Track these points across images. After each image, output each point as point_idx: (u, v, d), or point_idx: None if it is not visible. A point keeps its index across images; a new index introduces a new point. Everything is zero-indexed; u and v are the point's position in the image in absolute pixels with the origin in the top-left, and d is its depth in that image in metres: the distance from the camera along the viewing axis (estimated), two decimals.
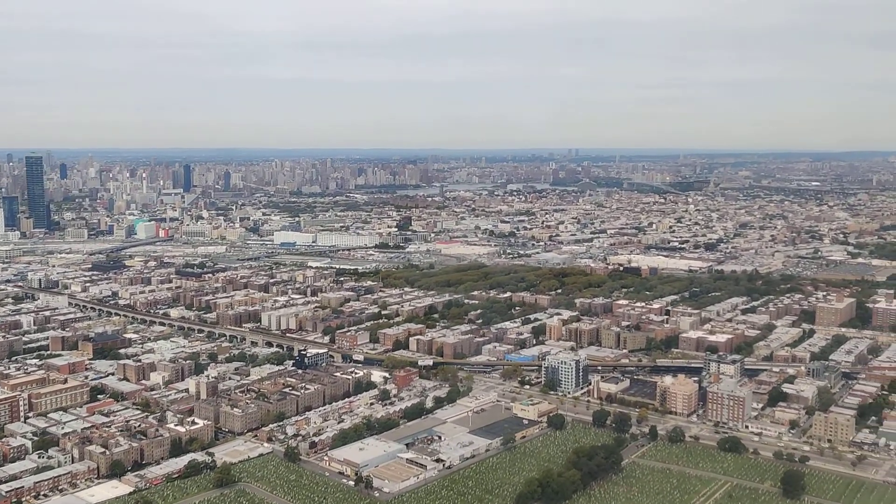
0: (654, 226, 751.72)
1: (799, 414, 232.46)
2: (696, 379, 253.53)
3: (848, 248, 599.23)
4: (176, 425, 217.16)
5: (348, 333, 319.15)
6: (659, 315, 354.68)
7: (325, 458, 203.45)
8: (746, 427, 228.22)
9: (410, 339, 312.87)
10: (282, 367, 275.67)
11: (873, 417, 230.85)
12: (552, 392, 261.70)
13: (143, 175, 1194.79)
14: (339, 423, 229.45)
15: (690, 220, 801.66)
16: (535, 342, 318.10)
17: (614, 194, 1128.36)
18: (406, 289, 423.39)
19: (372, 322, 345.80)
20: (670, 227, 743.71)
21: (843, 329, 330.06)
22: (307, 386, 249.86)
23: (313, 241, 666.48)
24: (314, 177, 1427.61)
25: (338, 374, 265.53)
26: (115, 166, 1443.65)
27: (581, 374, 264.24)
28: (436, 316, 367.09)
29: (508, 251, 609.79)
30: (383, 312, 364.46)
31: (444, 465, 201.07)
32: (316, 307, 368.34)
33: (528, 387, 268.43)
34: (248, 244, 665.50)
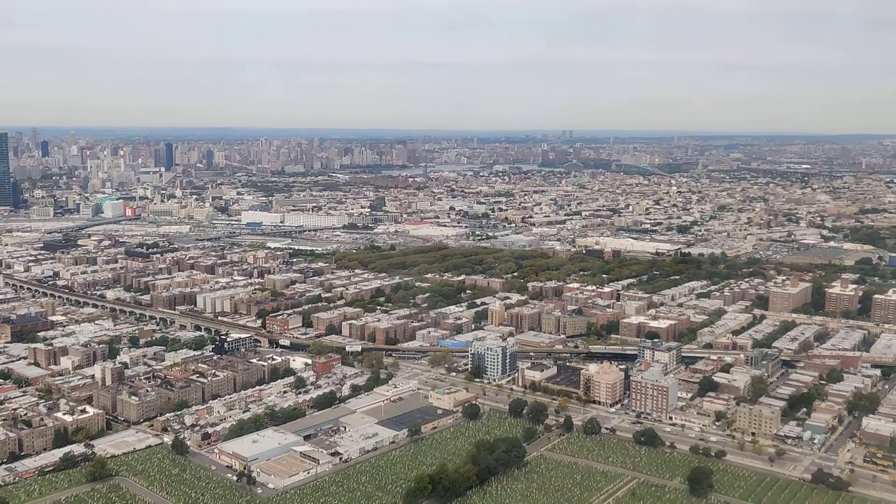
0: (630, 208, 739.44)
1: (727, 405, 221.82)
2: (622, 367, 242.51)
3: (822, 232, 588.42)
4: (65, 414, 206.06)
5: (279, 317, 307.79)
6: (608, 299, 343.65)
7: (216, 450, 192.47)
8: (670, 418, 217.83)
9: (344, 323, 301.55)
10: (198, 353, 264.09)
11: (804, 409, 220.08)
12: (478, 379, 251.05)
13: (122, 153, 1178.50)
14: (244, 412, 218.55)
15: (669, 201, 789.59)
16: (473, 327, 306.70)
17: (599, 175, 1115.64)
18: (357, 271, 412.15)
19: (310, 305, 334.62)
20: (647, 209, 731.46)
21: (795, 315, 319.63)
22: (217, 373, 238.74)
23: (281, 222, 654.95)
24: (299, 156, 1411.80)
25: (254, 360, 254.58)
26: (98, 144, 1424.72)
27: (508, 360, 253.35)
28: (382, 299, 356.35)
29: (477, 233, 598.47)
30: (325, 295, 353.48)
31: (340, 458, 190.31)
32: (256, 289, 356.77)
33: (454, 374, 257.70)
34: (214, 224, 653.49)
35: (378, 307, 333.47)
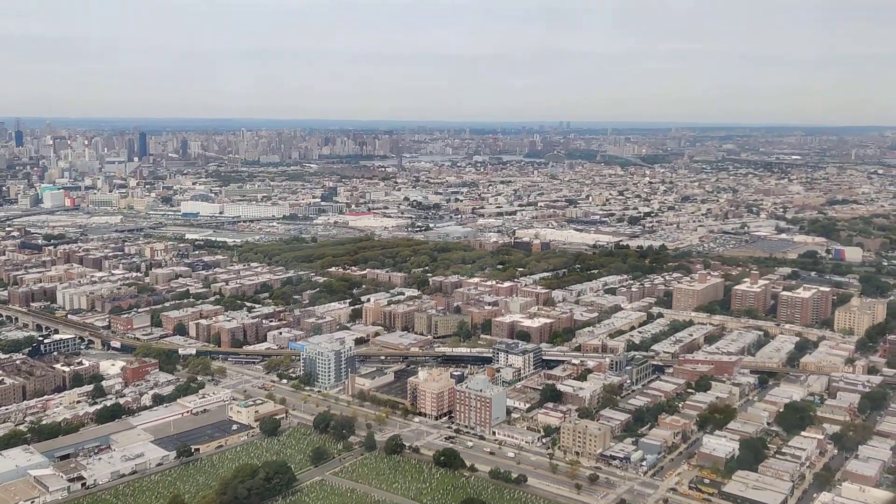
0: (590, 198, 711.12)
1: (564, 418, 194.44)
2: (457, 373, 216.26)
3: (780, 224, 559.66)
4: None
5: (124, 316, 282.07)
6: (504, 295, 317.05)
7: None
8: (493, 433, 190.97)
9: (191, 323, 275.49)
10: (6, 357, 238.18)
11: (650, 423, 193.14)
12: (308, 387, 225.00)
13: (86, 143, 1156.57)
14: (18, 425, 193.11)
15: (634, 192, 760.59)
16: (337, 327, 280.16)
17: (577, 166, 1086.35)
18: (254, 264, 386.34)
19: (175, 301, 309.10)
20: (607, 199, 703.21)
21: (695, 314, 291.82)
22: (5, 379, 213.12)
23: (220, 212, 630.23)
24: (278, 146, 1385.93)
25: (57, 365, 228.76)
26: (77, 135, 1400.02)
27: (344, 366, 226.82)
28: (265, 295, 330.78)
29: (418, 224, 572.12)
30: (199, 291, 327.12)
31: (83, 484, 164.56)
32: (123, 284, 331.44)
33: (285, 381, 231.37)
34: (149, 214, 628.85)
35: (247, 304, 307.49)
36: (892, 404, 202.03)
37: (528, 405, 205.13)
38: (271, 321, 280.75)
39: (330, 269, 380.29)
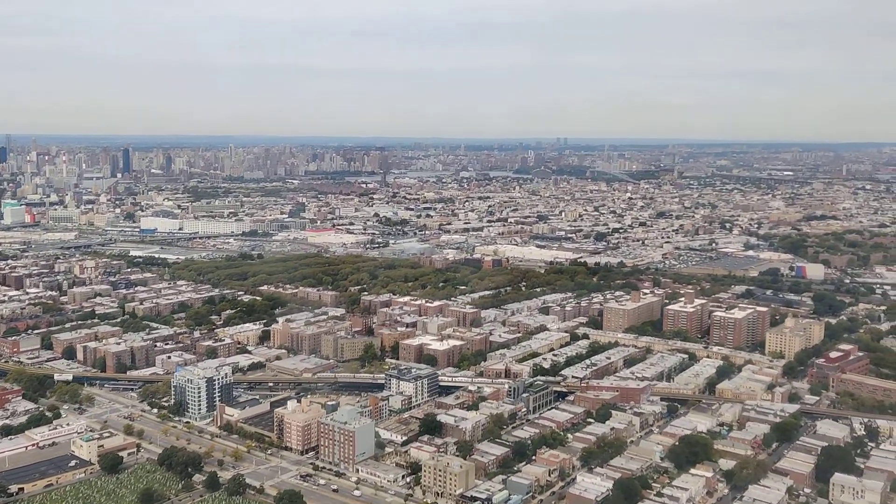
0: (563, 214, 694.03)
1: (437, 453, 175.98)
2: (332, 402, 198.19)
3: (751, 240, 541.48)
4: None
5: (11, 339, 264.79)
6: (431, 314, 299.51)
7: None
8: (357, 470, 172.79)
9: (78, 346, 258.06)
10: None
11: (531, 458, 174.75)
12: (177, 417, 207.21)
13: (64, 158, 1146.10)
14: None
15: (611, 208, 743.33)
16: (237, 350, 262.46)
17: (562, 182, 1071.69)
18: (181, 282, 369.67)
19: (78, 322, 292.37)
20: (580, 215, 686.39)
21: (622, 335, 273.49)
22: None
23: (179, 228, 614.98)
24: (264, 162, 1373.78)
25: None
26: (60, 151, 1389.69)
27: (218, 394, 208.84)
28: (181, 315, 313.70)
29: (378, 240, 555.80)
30: (104, 312, 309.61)
31: None
32: (31, 303, 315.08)
33: (156, 410, 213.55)
34: (107, 231, 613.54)
35: (152, 325, 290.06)
36: (803, 436, 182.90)
37: (404, 438, 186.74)
38: (166, 344, 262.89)
39: (261, 288, 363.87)
